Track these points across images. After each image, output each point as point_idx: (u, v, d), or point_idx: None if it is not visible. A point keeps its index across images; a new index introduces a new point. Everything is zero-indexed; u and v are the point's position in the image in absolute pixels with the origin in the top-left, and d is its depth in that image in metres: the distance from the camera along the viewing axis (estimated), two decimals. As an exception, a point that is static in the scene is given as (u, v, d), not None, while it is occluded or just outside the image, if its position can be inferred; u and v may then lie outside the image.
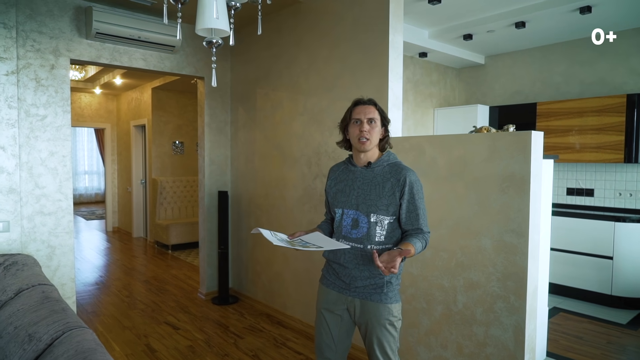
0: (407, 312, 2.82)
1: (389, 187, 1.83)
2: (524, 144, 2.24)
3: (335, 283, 1.95)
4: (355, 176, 1.92)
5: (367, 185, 1.87)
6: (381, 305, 1.84)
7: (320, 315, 1.98)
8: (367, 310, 1.86)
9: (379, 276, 1.84)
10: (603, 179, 4.75)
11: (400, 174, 1.83)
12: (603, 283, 4.28)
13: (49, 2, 3.46)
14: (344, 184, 1.95)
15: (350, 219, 1.88)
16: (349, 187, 1.92)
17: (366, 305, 1.86)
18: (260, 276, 4.22)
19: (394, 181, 1.83)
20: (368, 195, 1.85)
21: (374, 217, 1.83)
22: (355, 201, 1.88)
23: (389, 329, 1.85)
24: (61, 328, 1.66)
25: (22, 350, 1.63)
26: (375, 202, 1.83)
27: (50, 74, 3.49)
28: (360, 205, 1.86)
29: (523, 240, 2.25)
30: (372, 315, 1.85)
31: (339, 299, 1.93)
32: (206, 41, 1.40)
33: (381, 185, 1.84)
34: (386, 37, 2.91)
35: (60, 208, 3.56)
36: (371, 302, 1.85)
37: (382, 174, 1.86)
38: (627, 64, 4.49)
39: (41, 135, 3.46)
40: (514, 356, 2.29)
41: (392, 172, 1.85)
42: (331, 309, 1.95)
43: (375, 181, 1.86)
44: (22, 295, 2.10)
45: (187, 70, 4.27)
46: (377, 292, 1.85)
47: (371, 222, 1.83)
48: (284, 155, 3.86)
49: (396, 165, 1.88)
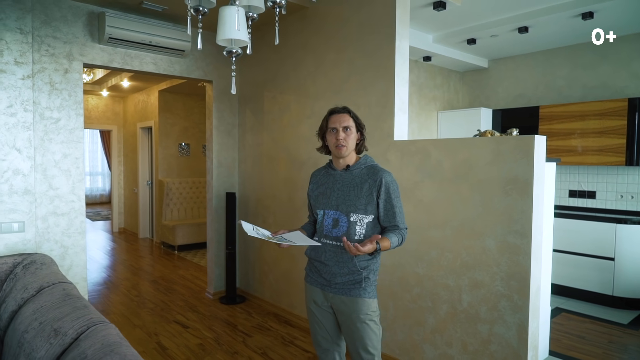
0: (413, 311, 2.89)
1: (367, 188, 1.94)
2: (527, 147, 2.31)
3: (317, 280, 2.06)
4: (335, 179, 2.04)
5: (347, 186, 1.99)
6: (360, 300, 1.94)
7: (310, 311, 2.11)
8: (347, 306, 1.96)
9: (357, 272, 1.95)
10: (605, 182, 4.81)
11: (376, 175, 1.95)
12: (605, 284, 4.34)
13: (63, 8, 3.56)
14: (325, 187, 2.07)
15: (331, 219, 2.00)
16: (330, 190, 2.04)
17: (346, 300, 1.96)
18: (268, 276, 4.30)
19: (371, 182, 1.94)
20: (347, 196, 1.97)
21: (354, 217, 1.94)
22: (336, 202, 1.99)
23: (370, 324, 1.96)
24: (85, 323, 1.74)
25: (49, 345, 1.71)
26: (354, 202, 1.95)
27: (64, 78, 3.58)
28: (340, 205, 1.98)
29: (526, 241, 2.32)
30: (352, 310, 1.95)
31: (323, 295, 2.04)
32: (226, 51, 1.48)
33: (359, 186, 1.96)
34: (392, 42, 2.99)
35: (73, 209, 3.64)
36: (350, 297, 1.95)
37: (360, 176, 1.98)
38: (629, 68, 4.56)
39: (55, 138, 3.55)
40: (518, 353, 2.36)
41: (369, 174, 1.97)
42: (318, 304, 2.07)
43: (354, 183, 1.98)
44: (43, 292, 2.19)
45: (196, 74, 4.36)
46: (355, 287, 1.95)
47: (351, 221, 1.95)
48: (291, 157, 3.94)
49: (373, 167, 2.00)
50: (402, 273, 2.96)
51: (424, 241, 2.82)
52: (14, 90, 3.23)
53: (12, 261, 2.74)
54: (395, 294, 3.00)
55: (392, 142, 3.01)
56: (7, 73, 3.21)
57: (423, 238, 2.82)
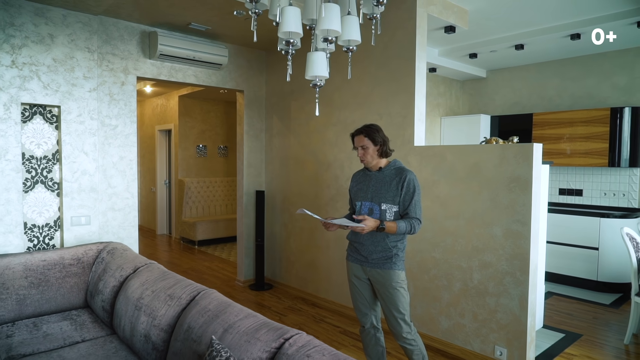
0: (430, 289, 3.44)
1: (394, 185, 2.50)
2: (527, 153, 2.87)
3: (357, 258, 2.61)
4: (371, 178, 2.62)
5: (379, 183, 2.56)
6: (391, 272, 2.50)
7: (352, 283, 2.66)
8: (381, 277, 2.51)
9: (388, 250, 2.50)
10: (590, 181, 5.42)
11: (402, 174, 2.52)
12: (590, 271, 4.94)
13: (120, 28, 4.05)
14: (362, 184, 2.65)
15: (367, 208, 2.57)
16: (366, 186, 2.61)
17: (381, 272, 2.51)
18: (294, 265, 4.83)
19: (398, 180, 2.51)
20: (379, 190, 2.55)
21: (384, 206, 2.51)
22: (371, 195, 2.57)
23: (400, 291, 2.51)
24: (195, 289, 2.26)
25: (167, 306, 2.22)
26: (384, 195, 2.52)
27: (121, 90, 4.07)
28: (374, 197, 2.55)
29: (526, 228, 2.88)
30: (385, 280, 2.50)
31: (362, 269, 2.60)
32: (312, 84, 2.01)
33: (389, 183, 2.53)
34: (413, 63, 3.53)
35: (127, 205, 4.14)
36: (384, 269, 2.51)
37: (390, 175, 2.55)
38: (611, 81, 5.16)
39: (113, 142, 4.04)
40: (519, 319, 2.92)
41: (396, 173, 2.54)
42: (358, 277, 2.62)
43: (385, 180, 2.55)
44: (140, 270, 2.69)
45: (230, 84, 4.87)
46: (387, 262, 2.51)
47: (382, 209, 2.51)
48: (317, 159, 4.47)
49: (400, 168, 2.58)
50: (420, 258, 3.51)
51: (440, 230, 3.37)
52: (82, 101, 3.73)
53: (96, 248, 3.24)
54: (415, 276, 3.55)
55: (412, 147, 3.56)
56: (77, 87, 3.70)
57: (439, 228, 3.37)
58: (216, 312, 1.94)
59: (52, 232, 3.71)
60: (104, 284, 2.81)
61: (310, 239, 4.60)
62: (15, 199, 3.41)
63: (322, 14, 1.73)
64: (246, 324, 1.79)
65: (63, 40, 3.60)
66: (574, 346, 3.51)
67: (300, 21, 1.84)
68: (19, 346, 2.43)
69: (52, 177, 3.68)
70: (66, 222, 3.69)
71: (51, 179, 3.68)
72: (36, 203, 3.62)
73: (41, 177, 3.63)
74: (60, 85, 3.60)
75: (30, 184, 3.58)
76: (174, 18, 4.01)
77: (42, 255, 3.00)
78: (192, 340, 1.88)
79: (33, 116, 3.58)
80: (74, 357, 2.28)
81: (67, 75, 3.64)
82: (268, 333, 1.69)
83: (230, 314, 1.89)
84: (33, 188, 3.60)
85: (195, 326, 1.94)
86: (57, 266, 2.99)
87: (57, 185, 3.70)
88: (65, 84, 3.63)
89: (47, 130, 3.66)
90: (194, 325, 1.95)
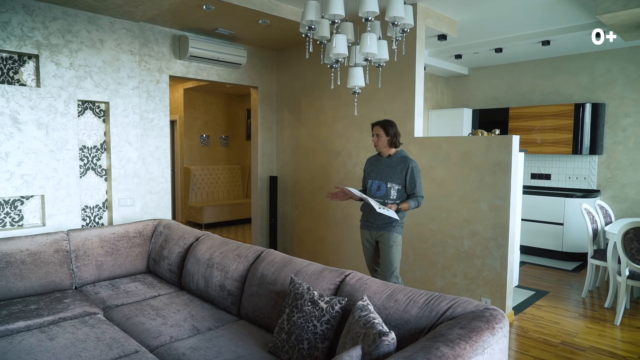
0: (427, 255, 4.18)
1: (400, 169, 3.24)
2: (507, 143, 3.60)
3: (367, 225, 3.36)
4: (381, 162, 3.34)
5: (387, 167, 3.30)
6: (391, 233, 3.24)
7: (364, 246, 3.42)
8: (384, 237, 3.26)
9: (389, 218, 3.21)
10: (557, 166, 6.27)
11: (406, 162, 3.25)
12: (556, 243, 5.81)
13: (155, 32, 4.57)
14: (374, 166, 3.38)
15: (376, 185, 3.32)
16: (377, 168, 3.35)
17: (383, 234, 3.25)
18: (304, 241, 5.50)
19: (402, 166, 3.24)
20: (387, 172, 3.28)
21: (390, 184, 3.25)
22: (380, 175, 3.31)
23: (394, 248, 3.24)
24: (258, 249, 2.89)
25: (237, 263, 2.85)
26: (391, 176, 3.26)
27: (156, 87, 4.61)
28: (382, 177, 3.29)
29: (506, 203, 3.63)
30: (386, 239, 3.25)
31: (370, 234, 3.34)
32: (352, 92, 2.65)
33: (395, 167, 3.27)
34: (413, 67, 4.22)
35: (162, 189, 4.71)
36: (386, 231, 3.24)
37: (396, 162, 3.27)
38: (575, 80, 5.99)
39: (150, 134, 4.58)
40: (501, 275, 3.69)
41: (402, 160, 3.26)
42: (368, 240, 3.36)
43: (392, 165, 3.29)
44: (201, 239, 3.31)
45: (247, 81, 5.45)
46: (388, 226, 3.25)
47: (387, 187, 3.25)
48: (327, 148, 5.13)
49: (405, 157, 3.30)
50: (419, 230, 4.23)
51: (436, 206, 4.10)
52: (127, 98, 4.26)
53: (152, 224, 3.83)
54: (414, 245, 4.28)
55: (412, 138, 4.25)
56: (123, 85, 4.23)
57: (435, 204, 4.10)
58: (283, 263, 2.60)
59: (100, 212, 4.26)
60: (169, 251, 3.42)
61: (320, 218, 5.27)
62: (74, 184, 3.94)
63: (367, 42, 2.37)
64: (311, 269, 2.46)
65: (111, 44, 4.11)
66: (542, 299, 4.33)
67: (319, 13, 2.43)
68: (109, 299, 3.03)
69: (100, 165, 4.22)
70: (114, 204, 4.25)
71: (100, 166, 4.22)
72: (88, 187, 4.16)
73: (91, 165, 4.17)
74: (108, 84, 4.12)
75: (83, 170, 4.12)
76: (204, 24, 4.56)
77: (111, 229, 3.57)
78: (268, 283, 2.54)
79: (85, 111, 4.10)
80: (160, 305, 2.90)
81: (114, 75, 4.16)
82: (331, 273, 2.37)
83: (295, 263, 2.55)
84: (85, 174, 4.14)
85: (267, 274, 2.59)
86: (124, 238, 3.57)
87: (104, 172, 4.24)
88: (112, 83, 4.15)
89: (96, 123, 4.19)
90: (266, 273, 2.60)
